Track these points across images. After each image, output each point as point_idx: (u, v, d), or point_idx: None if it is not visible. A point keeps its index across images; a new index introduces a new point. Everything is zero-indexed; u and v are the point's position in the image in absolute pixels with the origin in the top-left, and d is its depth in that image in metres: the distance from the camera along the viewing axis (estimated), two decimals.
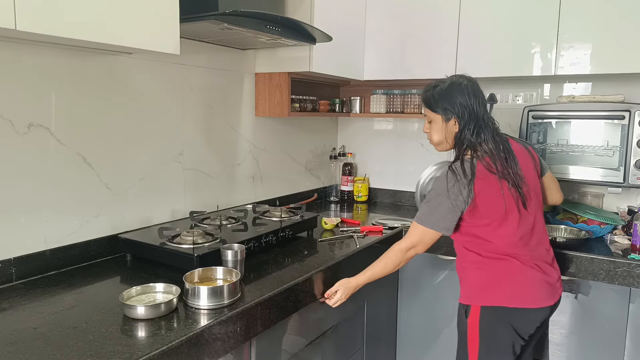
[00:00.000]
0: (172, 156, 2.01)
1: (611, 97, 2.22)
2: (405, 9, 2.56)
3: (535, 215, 1.62)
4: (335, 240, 2.09)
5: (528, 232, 1.59)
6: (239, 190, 2.40)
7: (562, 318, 2.03)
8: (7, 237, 1.49)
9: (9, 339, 1.15)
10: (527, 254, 1.58)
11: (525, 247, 1.58)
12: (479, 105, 1.60)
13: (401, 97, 2.82)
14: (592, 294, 1.97)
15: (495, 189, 1.53)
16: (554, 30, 2.19)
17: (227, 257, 1.52)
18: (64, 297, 1.41)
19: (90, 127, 1.69)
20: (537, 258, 1.60)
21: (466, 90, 1.60)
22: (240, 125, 2.37)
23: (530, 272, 1.57)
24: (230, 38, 1.99)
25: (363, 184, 3.04)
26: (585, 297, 1.98)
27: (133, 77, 1.82)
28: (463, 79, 1.65)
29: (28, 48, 1.49)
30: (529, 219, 1.59)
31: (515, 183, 1.54)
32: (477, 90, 1.63)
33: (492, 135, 1.59)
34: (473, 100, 1.59)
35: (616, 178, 2.18)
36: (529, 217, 1.59)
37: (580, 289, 1.99)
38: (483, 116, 1.60)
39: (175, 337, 1.16)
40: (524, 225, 1.57)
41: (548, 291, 1.59)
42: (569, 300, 2.01)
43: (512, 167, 1.55)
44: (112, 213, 1.79)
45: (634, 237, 1.97)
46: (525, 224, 1.58)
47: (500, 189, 1.53)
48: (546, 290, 1.59)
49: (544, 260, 1.62)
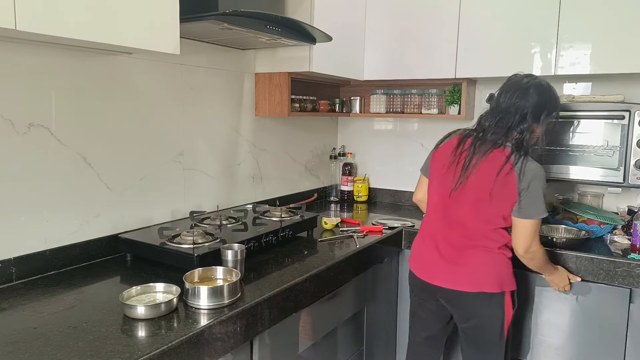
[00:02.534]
0: (172, 156, 2.01)
1: (611, 97, 2.22)
2: (405, 9, 2.56)
3: (459, 211, 1.72)
4: (335, 240, 2.09)
5: (442, 213, 1.76)
6: (239, 190, 2.40)
7: (562, 320, 2.00)
8: (7, 237, 1.49)
9: (9, 339, 1.15)
10: (434, 230, 1.79)
11: (436, 223, 1.79)
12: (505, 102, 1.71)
13: (401, 97, 2.82)
14: (592, 296, 1.94)
15: (444, 155, 1.77)
16: (554, 30, 2.19)
17: (227, 257, 1.52)
18: (64, 297, 1.41)
19: (91, 127, 1.69)
20: (439, 237, 1.76)
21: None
22: (240, 125, 2.37)
23: (426, 242, 1.81)
24: (230, 38, 1.99)
25: (363, 184, 3.04)
26: (585, 299, 1.94)
27: (133, 77, 1.82)
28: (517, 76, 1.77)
29: (28, 48, 1.49)
30: (451, 209, 1.73)
31: (456, 170, 1.71)
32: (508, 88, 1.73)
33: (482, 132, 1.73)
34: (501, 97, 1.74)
35: (616, 178, 2.18)
36: (451, 208, 1.73)
37: (580, 291, 1.95)
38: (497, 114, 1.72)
39: (175, 337, 1.16)
40: (442, 204, 1.76)
41: (432, 266, 1.77)
42: (568, 302, 1.98)
43: (466, 160, 1.69)
44: (112, 213, 1.79)
45: (634, 237, 1.97)
46: (444, 206, 1.75)
47: (445, 158, 1.76)
48: (430, 264, 1.77)
49: (450, 244, 1.74)
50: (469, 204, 1.69)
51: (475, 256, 1.70)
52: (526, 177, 1.61)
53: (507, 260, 1.71)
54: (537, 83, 1.69)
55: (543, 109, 1.66)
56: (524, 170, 1.61)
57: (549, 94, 1.69)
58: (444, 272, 1.74)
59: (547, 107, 1.67)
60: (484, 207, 1.67)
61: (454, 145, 1.76)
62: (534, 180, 1.61)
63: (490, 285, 1.68)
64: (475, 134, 1.74)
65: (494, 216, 1.68)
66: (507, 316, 1.71)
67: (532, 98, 1.65)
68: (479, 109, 2.72)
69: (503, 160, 1.64)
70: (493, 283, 1.68)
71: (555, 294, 1.98)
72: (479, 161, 1.67)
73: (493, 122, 1.69)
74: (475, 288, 1.69)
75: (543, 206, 1.63)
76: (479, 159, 1.67)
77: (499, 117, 1.68)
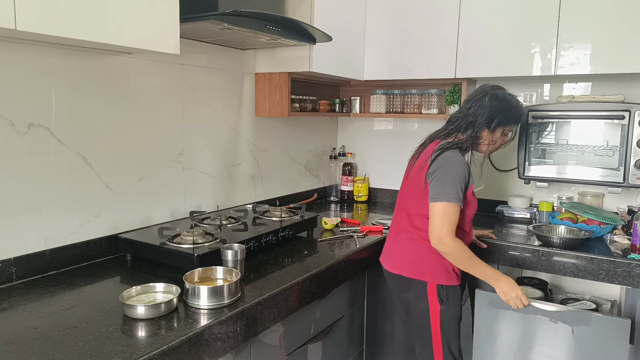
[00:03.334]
0: (172, 156, 2.01)
1: (611, 97, 2.22)
2: (405, 9, 2.56)
3: (401, 198, 1.88)
4: (335, 240, 2.09)
5: (397, 204, 1.91)
6: (239, 190, 2.40)
7: (556, 353, 1.72)
8: (7, 237, 1.49)
9: (9, 338, 1.15)
10: (393, 217, 1.94)
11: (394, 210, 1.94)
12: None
13: (401, 97, 2.82)
14: (590, 328, 1.65)
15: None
16: (554, 30, 2.20)
17: (227, 257, 1.52)
18: (64, 297, 1.41)
19: (91, 127, 1.69)
20: (392, 225, 1.93)
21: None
22: (240, 125, 2.37)
23: (390, 231, 1.95)
24: (230, 38, 2.00)
25: (363, 184, 3.04)
26: (582, 331, 1.66)
27: (133, 77, 1.82)
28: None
29: (28, 48, 1.49)
30: (399, 197, 1.90)
31: (408, 168, 1.86)
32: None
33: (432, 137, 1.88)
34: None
35: (616, 178, 2.18)
36: (400, 197, 1.89)
37: (576, 321, 1.68)
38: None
39: (175, 337, 1.16)
40: (398, 196, 1.92)
41: (384, 249, 1.93)
42: (559, 334, 1.69)
43: (414, 157, 1.85)
44: (112, 213, 1.79)
45: (634, 237, 1.97)
46: (398, 197, 1.91)
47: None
48: (384, 248, 1.93)
49: (393, 231, 1.90)
50: (406, 193, 1.84)
51: (401, 241, 1.82)
52: (436, 162, 1.69)
53: (428, 250, 1.72)
54: (494, 93, 1.78)
55: (494, 118, 1.75)
56: (439, 156, 1.69)
57: (503, 104, 1.76)
58: (385, 254, 1.91)
59: (499, 116, 1.75)
60: (409, 194, 1.81)
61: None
62: (443, 166, 1.67)
63: (406, 269, 1.78)
64: (433, 132, 1.88)
65: (414, 203, 1.77)
66: (432, 309, 1.74)
67: (484, 107, 1.75)
68: None
69: (429, 150, 1.77)
70: (408, 268, 1.77)
71: (551, 324, 1.71)
72: (420, 154, 1.81)
73: (446, 124, 1.85)
74: (394, 269, 1.82)
75: (452, 192, 1.63)
76: (420, 152, 1.81)
77: (453, 120, 1.83)
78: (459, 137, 1.79)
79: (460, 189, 1.65)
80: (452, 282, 1.74)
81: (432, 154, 1.72)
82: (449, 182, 1.64)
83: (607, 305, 2.11)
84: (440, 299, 1.73)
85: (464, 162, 1.70)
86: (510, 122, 1.79)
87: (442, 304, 1.73)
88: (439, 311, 1.73)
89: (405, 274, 1.78)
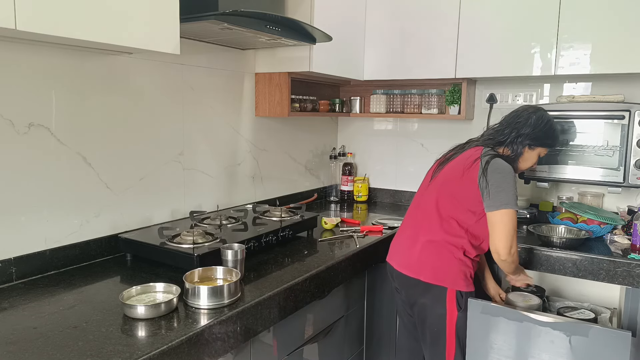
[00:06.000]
0: (172, 156, 2.01)
1: (611, 97, 2.22)
2: (405, 9, 2.56)
3: (426, 198, 1.79)
4: (335, 240, 2.09)
5: (416, 204, 1.84)
6: (239, 190, 2.40)
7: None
8: (7, 237, 1.49)
9: (9, 338, 1.15)
10: (407, 219, 1.87)
11: (410, 210, 1.88)
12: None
13: (401, 97, 2.82)
14: (589, 340, 1.55)
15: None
16: (554, 30, 2.19)
17: (227, 256, 1.52)
18: (64, 297, 1.41)
19: (91, 127, 1.69)
20: (409, 224, 1.84)
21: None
22: (240, 125, 2.37)
23: (399, 231, 1.89)
24: (230, 38, 2.00)
25: (363, 184, 3.04)
26: (581, 343, 1.56)
27: (133, 77, 1.82)
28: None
29: (28, 48, 1.49)
30: (423, 197, 1.82)
31: (435, 169, 1.83)
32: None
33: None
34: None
35: (616, 178, 2.18)
36: (423, 196, 1.82)
37: (574, 333, 1.57)
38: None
39: (175, 337, 1.16)
40: (418, 196, 1.86)
41: (395, 250, 1.85)
42: (556, 346, 1.59)
43: (445, 159, 1.83)
44: (112, 213, 1.79)
45: (634, 237, 1.97)
46: (419, 197, 1.85)
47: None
48: (395, 248, 1.85)
49: (412, 232, 1.79)
50: (434, 193, 1.76)
51: (422, 244, 1.74)
52: (489, 169, 1.64)
53: (451, 256, 1.70)
54: (542, 115, 1.80)
55: (538, 138, 1.78)
56: (491, 162, 1.65)
57: (548, 127, 1.80)
58: (399, 255, 1.82)
59: (542, 138, 1.79)
60: (443, 196, 1.73)
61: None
62: (496, 172, 1.63)
63: (426, 274, 1.70)
64: (473, 138, 1.86)
65: (449, 207, 1.71)
66: (449, 315, 1.70)
67: (530, 126, 1.77)
68: (479, 108, 2.72)
69: (474, 154, 1.73)
70: (429, 273, 1.70)
71: (547, 336, 1.60)
72: (455, 156, 1.78)
73: (488, 134, 1.84)
74: (411, 273, 1.74)
75: (513, 198, 1.62)
76: (456, 154, 1.79)
77: (496, 131, 1.82)
78: (505, 151, 1.79)
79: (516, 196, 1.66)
80: (470, 288, 1.72)
81: (480, 157, 1.69)
82: (506, 190, 1.62)
83: (607, 314, 2.08)
84: (459, 306, 1.69)
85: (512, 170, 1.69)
86: (548, 145, 1.83)
87: (460, 311, 1.70)
88: (456, 317, 1.70)
89: (424, 278, 1.71)
